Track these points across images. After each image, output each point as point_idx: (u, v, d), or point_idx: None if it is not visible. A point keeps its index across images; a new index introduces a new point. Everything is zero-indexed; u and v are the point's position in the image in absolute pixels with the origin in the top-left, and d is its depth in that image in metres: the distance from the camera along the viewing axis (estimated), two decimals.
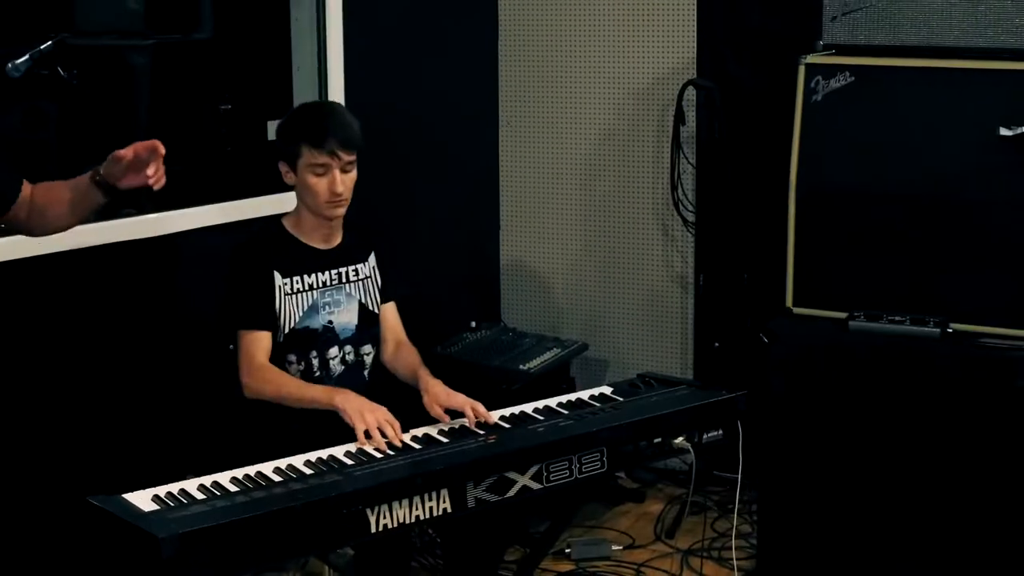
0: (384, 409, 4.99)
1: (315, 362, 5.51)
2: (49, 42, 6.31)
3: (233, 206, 6.70)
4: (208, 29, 7.27)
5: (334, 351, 5.56)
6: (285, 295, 5.46)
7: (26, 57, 6.24)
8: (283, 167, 5.49)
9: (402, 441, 4.95)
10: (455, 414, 5.17)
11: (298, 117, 5.60)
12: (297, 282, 5.49)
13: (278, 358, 5.45)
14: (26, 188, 4.71)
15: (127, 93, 7.08)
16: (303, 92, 7.22)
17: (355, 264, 5.64)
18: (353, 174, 5.46)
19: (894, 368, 6.41)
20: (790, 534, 6.70)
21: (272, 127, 6.99)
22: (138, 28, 7.03)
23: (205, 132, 7.24)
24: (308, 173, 5.40)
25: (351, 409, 4.96)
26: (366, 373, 5.64)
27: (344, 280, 5.60)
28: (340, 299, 5.58)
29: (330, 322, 5.55)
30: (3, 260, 5.46)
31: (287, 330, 5.46)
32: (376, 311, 5.68)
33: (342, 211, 5.50)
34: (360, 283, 5.64)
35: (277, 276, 5.45)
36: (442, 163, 8.04)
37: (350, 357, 5.60)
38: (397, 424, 4.95)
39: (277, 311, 5.44)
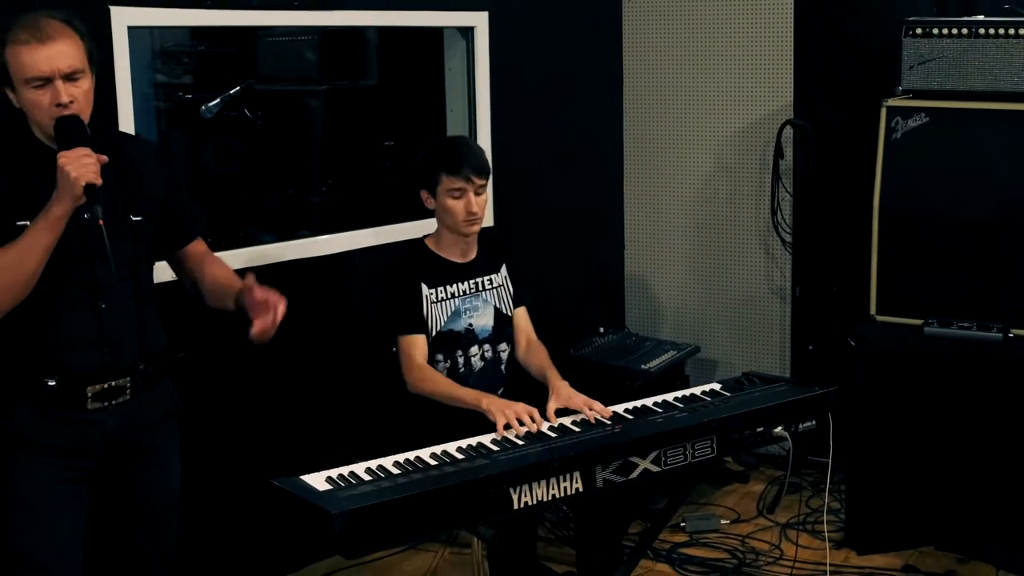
0: (522, 404, 4.97)
1: (460, 360, 5.51)
2: (237, 88, 6.35)
3: (390, 229, 6.70)
4: (374, 76, 7.33)
5: (475, 350, 5.55)
6: (431, 303, 5.46)
7: (217, 101, 6.29)
8: (424, 194, 5.51)
9: (540, 430, 4.92)
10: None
11: (435, 151, 5.60)
12: (441, 292, 5.49)
13: (427, 357, 5.45)
14: (202, 244, 4.73)
15: (304, 132, 7.13)
16: (455, 130, 7.24)
17: (489, 275, 5.63)
18: (484, 196, 5.48)
19: (963, 367, 6.41)
20: (874, 510, 6.69)
21: None
22: (313, 76, 7.09)
23: (370, 165, 7.25)
24: (447, 197, 5.42)
25: (494, 408, 4.94)
26: (503, 368, 5.63)
27: (481, 288, 5.59)
28: (478, 305, 5.57)
29: (470, 325, 5.55)
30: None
31: (434, 333, 5.46)
32: (509, 314, 5.67)
33: (477, 228, 5.51)
34: (495, 291, 5.64)
35: (424, 287, 5.45)
36: (574, 190, 8.01)
37: (488, 355, 5.59)
38: (535, 411, 4.92)
39: (426, 317, 5.44)
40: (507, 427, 4.83)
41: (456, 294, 5.53)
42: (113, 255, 4.10)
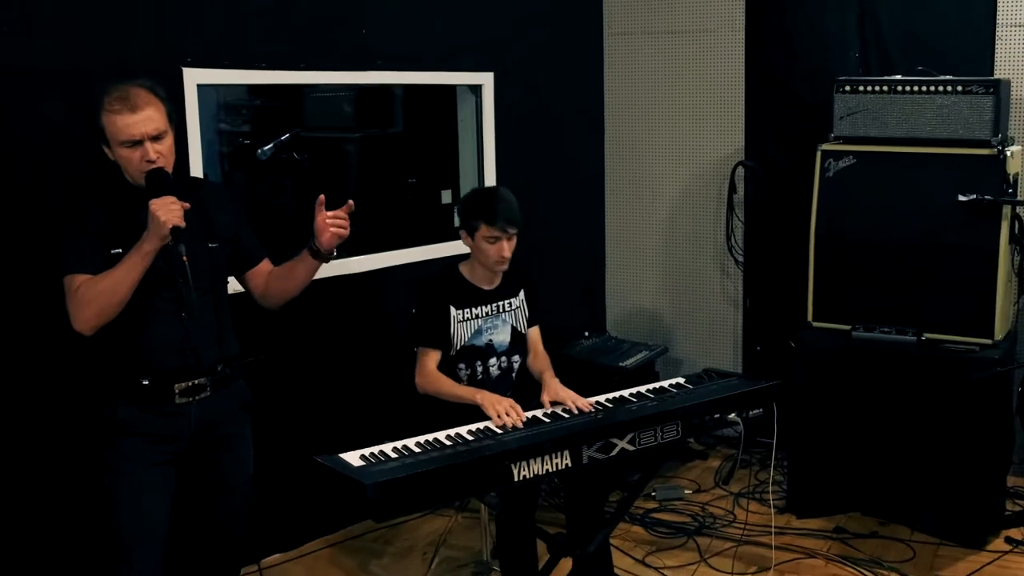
0: (510, 400, 4.99)
1: (479, 369, 5.48)
2: (287, 135, 6.35)
3: (414, 251, 6.72)
4: (399, 125, 7.33)
5: (492, 361, 5.53)
6: (458, 323, 5.42)
7: (271, 145, 6.29)
8: (463, 234, 5.45)
9: (535, 416, 4.95)
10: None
11: (477, 199, 5.53)
12: (467, 313, 5.45)
13: (451, 366, 5.43)
14: (267, 264, 4.74)
15: (342, 171, 7.13)
16: (466, 169, 7.26)
17: (509, 299, 5.59)
18: (514, 242, 5.42)
19: (884, 364, 6.43)
20: (811, 481, 6.72)
21: (445, 196, 7.04)
22: (350, 125, 7.10)
23: (396, 199, 7.25)
24: (483, 242, 5.36)
25: (487, 402, 4.95)
26: (514, 375, 5.61)
27: (501, 311, 5.55)
28: (497, 324, 5.54)
29: (490, 341, 5.52)
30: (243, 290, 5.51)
31: (458, 346, 5.43)
32: (524, 332, 5.64)
33: (505, 267, 5.46)
34: (512, 312, 5.59)
35: (452, 308, 5.42)
36: (563, 217, 7.99)
37: (504, 365, 5.56)
38: (519, 408, 4.94)
39: (452, 333, 5.41)
40: (498, 416, 4.87)
41: (480, 315, 5.50)
42: (193, 277, 4.13)
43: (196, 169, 5.53)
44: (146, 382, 4.27)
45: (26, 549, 5.12)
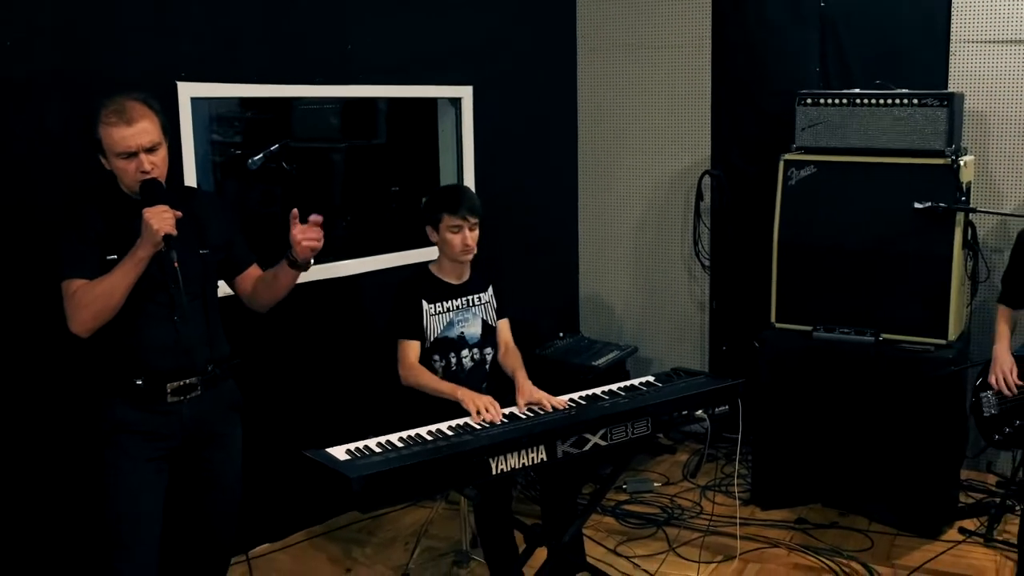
0: (489, 397, 5.02)
1: (453, 360, 5.49)
2: (277, 145, 6.35)
3: (396, 256, 6.73)
4: (383, 136, 7.31)
5: (465, 352, 5.54)
6: (430, 316, 5.45)
7: (261, 155, 6.29)
8: (429, 229, 5.49)
9: (512, 413, 4.99)
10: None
11: (439, 195, 5.58)
12: (439, 307, 5.48)
13: (427, 358, 5.45)
14: (256, 269, 4.75)
15: (329, 180, 7.11)
16: (447, 178, 7.25)
17: (478, 293, 5.60)
18: (476, 232, 5.45)
19: (843, 363, 6.44)
20: (774, 475, 6.74)
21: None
22: (336, 136, 7.06)
23: (380, 206, 7.26)
24: (447, 232, 5.41)
25: (466, 399, 4.99)
26: (487, 368, 5.61)
27: (471, 304, 5.57)
28: (468, 317, 5.55)
29: (462, 333, 5.53)
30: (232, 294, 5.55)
31: (432, 339, 5.45)
32: (494, 325, 5.64)
33: (470, 257, 5.48)
34: (482, 306, 5.61)
35: (424, 303, 5.45)
36: (539, 223, 8.01)
37: (476, 357, 5.56)
38: (497, 405, 4.97)
39: (425, 327, 5.44)
40: (478, 413, 4.91)
41: (451, 308, 5.51)
42: (184, 282, 4.16)
43: (190, 178, 5.55)
44: (140, 382, 4.29)
45: (25, 542, 5.13)
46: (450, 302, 5.54)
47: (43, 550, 5.20)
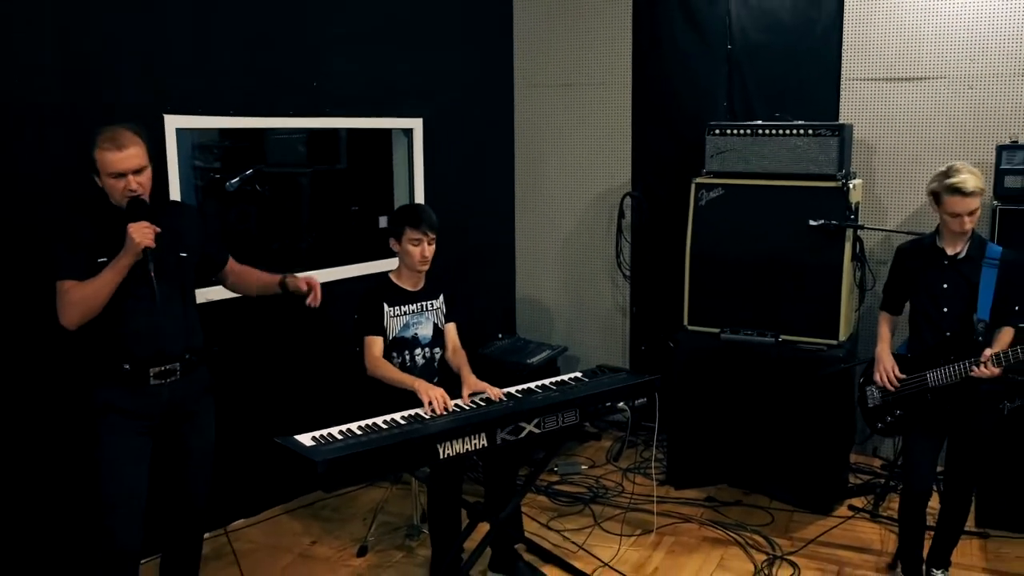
0: (441, 390, 5.04)
1: (407, 357, 5.50)
2: (251, 170, 6.33)
3: (355, 267, 6.72)
4: (344, 162, 7.26)
5: (418, 351, 5.55)
6: (390, 318, 5.48)
7: (237, 179, 6.26)
8: (392, 241, 5.51)
9: (457, 405, 5.02)
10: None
11: (402, 211, 5.58)
12: (397, 310, 5.50)
13: (386, 355, 5.46)
14: (233, 264, 4.92)
15: (297, 201, 7.06)
16: (401, 199, 7.19)
17: (431, 300, 5.62)
18: (434, 247, 5.48)
19: (747, 361, 6.47)
20: (686, 458, 6.76)
21: (383, 221, 7.07)
22: (303, 162, 7.02)
23: (341, 223, 7.21)
24: (408, 244, 5.45)
25: (421, 390, 5.01)
26: (436, 365, 5.61)
27: (425, 309, 5.58)
28: (422, 320, 5.57)
29: (416, 334, 5.55)
30: (218, 299, 5.62)
31: (390, 338, 5.48)
32: (443, 328, 5.66)
33: (427, 267, 5.51)
34: (434, 311, 5.61)
35: (385, 306, 5.48)
36: (480, 237, 7.98)
37: (427, 355, 5.58)
38: (447, 397, 5.01)
39: (385, 327, 5.48)
40: (430, 404, 4.94)
41: (407, 312, 5.53)
42: (164, 280, 4.33)
43: (175, 198, 5.53)
44: (126, 366, 4.39)
45: (25, 510, 5.15)
46: (407, 306, 5.56)
47: (41, 517, 5.21)
